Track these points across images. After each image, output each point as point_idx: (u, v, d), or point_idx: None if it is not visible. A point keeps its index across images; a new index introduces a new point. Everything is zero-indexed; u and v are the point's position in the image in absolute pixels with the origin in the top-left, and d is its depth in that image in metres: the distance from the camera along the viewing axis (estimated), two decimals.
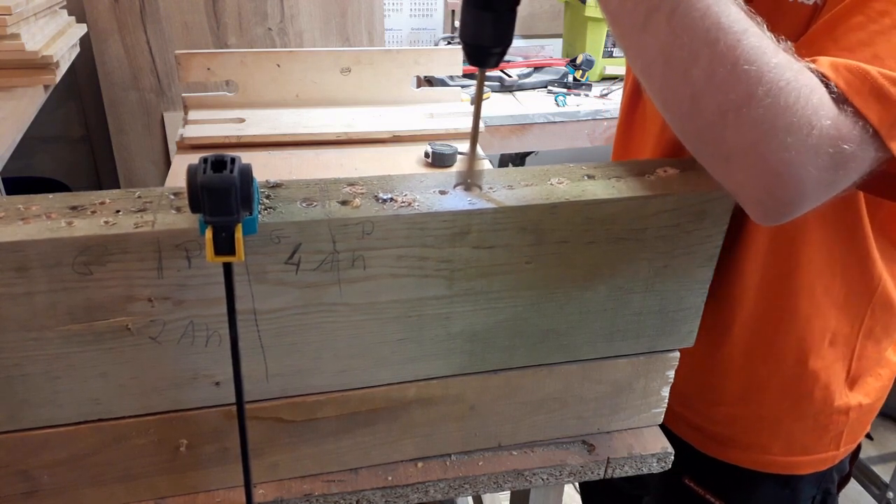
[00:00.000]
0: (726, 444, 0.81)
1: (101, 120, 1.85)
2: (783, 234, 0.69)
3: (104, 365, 0.56)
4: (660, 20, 0.48)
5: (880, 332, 0.77)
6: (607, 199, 0.58)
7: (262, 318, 0.57)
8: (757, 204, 0.51)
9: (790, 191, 0.49)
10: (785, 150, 0.47)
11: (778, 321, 0.74)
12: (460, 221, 0.56)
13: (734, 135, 0.48)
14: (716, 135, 0.50)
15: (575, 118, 1.83)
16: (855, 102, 0.47)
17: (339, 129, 1.08)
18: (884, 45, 0.49)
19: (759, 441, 0.79)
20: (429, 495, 0.69)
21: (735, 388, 0.79)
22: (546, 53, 2.23)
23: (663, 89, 0.52)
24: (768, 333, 0.74)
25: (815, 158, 0.47)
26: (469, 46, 0.55)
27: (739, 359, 0.77)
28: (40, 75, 1.24)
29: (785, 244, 0.70)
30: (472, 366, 0.65)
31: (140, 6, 1.72)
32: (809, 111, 0.46)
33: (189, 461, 0.63)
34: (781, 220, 0.52)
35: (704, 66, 0.48)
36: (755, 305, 0.74)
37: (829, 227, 0.69)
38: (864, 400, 0.79)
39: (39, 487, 0.61)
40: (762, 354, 0.76)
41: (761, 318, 0.74)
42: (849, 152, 0.47)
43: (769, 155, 0.47)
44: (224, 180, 0.45)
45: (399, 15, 2.21)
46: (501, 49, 0.55)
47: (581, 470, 0.71)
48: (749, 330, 0.75)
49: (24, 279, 0.50)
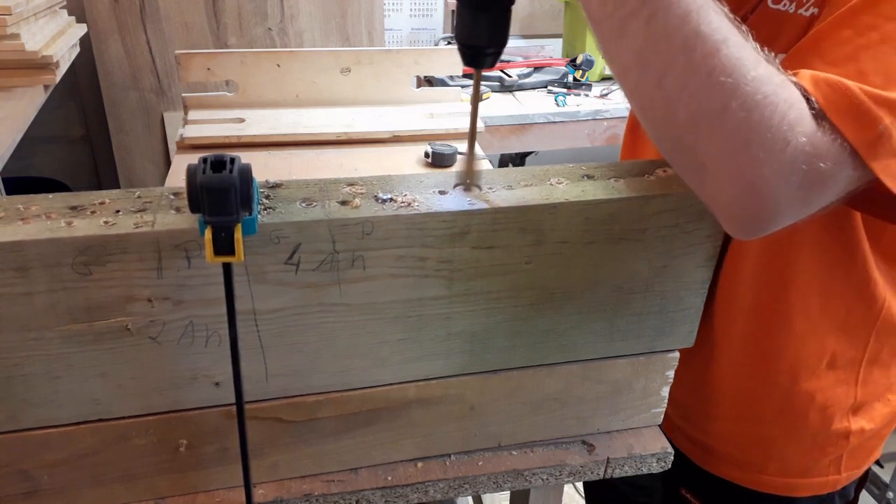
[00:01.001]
0: (723, 460, 0.81)
1: (101, 120, 1.85)
2: (776, 252, 0.69)
3: (104, 365, 0.56)
4: (637, 26, 0.47)
5: (888, 357, 0.74)
6: (607, 199, 0.58)
7: (261, 318, 0.57)
8: (731, 217, 0.50)
9: (763, 206, 0.48)
10: (758, 165, 0.46)
11: (770, 339, 0.73)
12: (460, 221, 0.56)
13: (707, 145, 0.48)
14: (689, 144, 0.49)
15: (575, 118, 1.83)
16: (832, 119, 0.46)
17: (338, 129, 1.08)
18: (869, 60, 0.48)
19: (755, 460, 0.78)
20: (429, 495, 0.69)
21: (729, 404, 0.78)
22: (546, 53, 2.23)
23: (639, 95, 0.51)
24: (761, 351, 0.74)
25: (788, 175, 0.46)
26: (464, 47, 0.55)
27: (732, 375, 0.76)
28: (40, 75, 1.24)
29: (778, 263, 0.69)
30: (472, 366, 0.65)
31: (140, 6, 1.72)
32: (785, 127, 0.45)
33: (189, 461, 0.63)
34: (757, 234, 0.51)
35: (679, 74, 0.47)
36: (747, 322, 0.73)
37: (823, 248, 0.68)
38: (867, 425, 0.77)
39: (39, 487, 0.61)
40: (755, 372, 0.75)
41: (753, 335, 0.73)
42: (824, 170, 0.46)
43: (742, 169, 0.47)
44: (224, 180, 0.45)
45: (399, 15, 2.21)
46: (496, 49, 0.54)
47: (581, 470, 0.71)
48: (741, 347, 0.74)
49: (24, 279, 0.50)
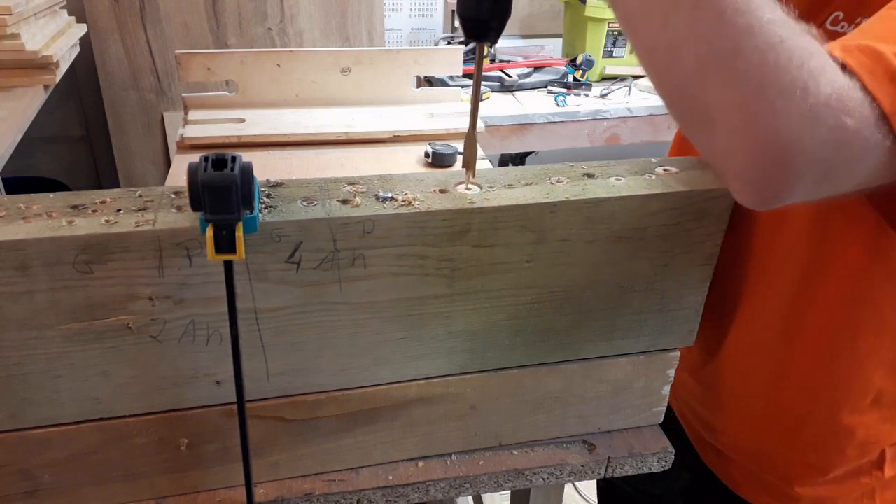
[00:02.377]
0: (751, 483, 0.77)
1: (101, 120, 1.85)
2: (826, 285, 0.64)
3: (105, 364, 0.56)
4: None
5: None
6: (607, 197, 0.58)
7: (262, 316, 0.57)
8: (742, 179, 0.45)
9: (780, 164, 0.43)
10: (774, 114, 0.41)
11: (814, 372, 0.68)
12: (460, 220, 0.56)
13: (716, 93, 0.43)
14: (696, 92, 0.45)
15: (575, 118, 1.83)
16: (866, 81, 0.42)
17: (339, 129, 1.08)
18: None
19: (785, 486, 0.75)
20: (429, 495, 0.69)
21: (763, 430, 0.74)
22: (546, 53, 2.23)
23: (642, 37, 0.47)
24: (802, 382, 0.69)
25: (810, 128, 0.41)
26: (467, 21, 0.54)
27: (769, 403, 0.72)
28: (40, 75, 1.24)
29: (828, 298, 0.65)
30: (473, 365, 0.65)
31: (140, 6, 1.72)
32: (805, 74, 0.41)
33: (190, 460, 0.63)
34: (770, 202, 0.46)
35: (687, 10, 0.43)
36: (788, 350, 0.69)
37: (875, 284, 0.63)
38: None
39: (40, 486, 0.61)
40: (795, 402, 0.70)
41: (796, 365, 0.69)
42: (852, 130, 0.42)
43: (756, 118, 0.42)
44: (225, 178, 0.45)
45: (399, 15, 2.21)
46: (500, 22, 0.54)
47: (581, 469, 0.71)
48: (781, 374, 0.70)
49: (25, 278, 0.50)
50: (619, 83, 1.94)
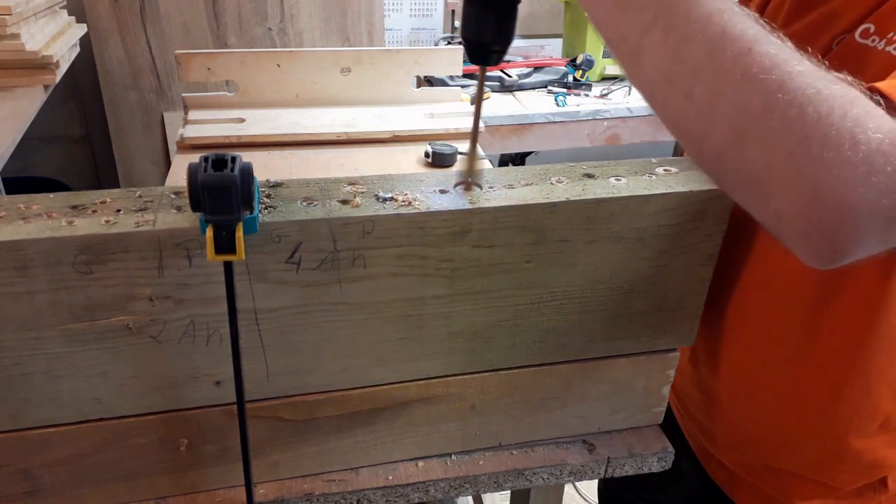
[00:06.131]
0: (756, 498, 0.77)
1: (101, 120, 1.85)
2: (837, 310, 0.63)
3: (105, 364, 0.56)
4: (655, 40, 0.43)
5: None
6: (607, 197, 0.58)
7: (262, 317, 0.57)
8: (803, 239, 0.42)
9: (841, 220, 0.40)
10: (823, 168, 0.39)
11: (822, 394, 0.67)
12: (460, 220, 0.56)
13: (757, 154, 0.41)
14: (736, 158, 0.42)
15: (575, 118, 1.83)
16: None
17: (339, 129, 1.08)
18: None
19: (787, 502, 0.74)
20: (429, 495, 0.69)
21: (770, 448, 0.74)
22: (546, 53, 2.23)
23: (669, 112, 0.45)
24: (808, 403, 0.68)
25: (865, 178, 0.39)
26: (470, 44, 0.55)
27: (777, 423, 0.71)
28: (40, 75, 1.24)
29: (839, 322, 0.64)
30: (473, 365, 0.65)
31: (140, 6, 1.72)
32: (850, 123, 0.39)
33: (190, 460, 0.63)
34: (840, 259, 0.43)
35: (709, 81, 0.41)
36: (796, 370, 0.68)
37: (888, 310, 0.62)
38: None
39: (40, 486, 0.61)
40: (801, 422, 0.70)
41: (805, 386, 0.68)
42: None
43: (804, 170, 0.39)
44: (225, 179, 0.45)
45: (399, 15, 2.20)
46: (502, 47, 0.55)
47: (581, 469, 0.71)
48: (790, 396, 0.69)
49: (25, 278, 0.50)
50: (619, 83, 1.94)
